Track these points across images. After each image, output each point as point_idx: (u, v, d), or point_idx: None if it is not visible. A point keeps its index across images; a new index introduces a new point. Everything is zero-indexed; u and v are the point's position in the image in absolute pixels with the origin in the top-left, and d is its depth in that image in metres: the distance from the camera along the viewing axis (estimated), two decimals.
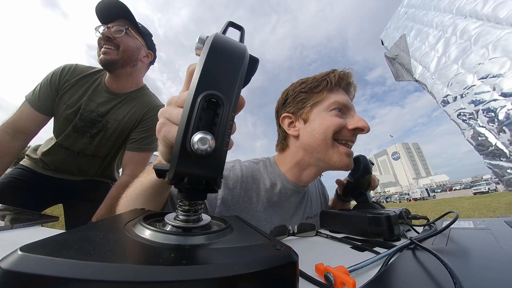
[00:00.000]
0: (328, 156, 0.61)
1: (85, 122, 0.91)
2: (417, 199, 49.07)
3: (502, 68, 0.55)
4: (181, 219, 0.25)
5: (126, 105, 0.96)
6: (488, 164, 0.58)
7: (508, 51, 0.54)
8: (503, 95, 0.53)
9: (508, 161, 0.53)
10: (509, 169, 0.52)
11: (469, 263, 0.29)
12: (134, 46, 0.92)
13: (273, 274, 0.18)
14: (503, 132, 0.52)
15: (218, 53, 0.22)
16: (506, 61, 0.53)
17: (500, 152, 0.54)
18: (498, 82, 0.55)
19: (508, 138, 0.52)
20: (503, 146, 0.53)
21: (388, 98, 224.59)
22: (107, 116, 0.93)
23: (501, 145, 0.54)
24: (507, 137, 0.52)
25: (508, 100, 0.52)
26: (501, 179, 0.55)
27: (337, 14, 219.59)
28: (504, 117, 0.52)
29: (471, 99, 0.59)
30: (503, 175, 0.54)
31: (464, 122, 0.63)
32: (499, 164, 0.54)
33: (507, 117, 0.51)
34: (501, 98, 0.54)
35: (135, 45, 0.93)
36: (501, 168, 0.54)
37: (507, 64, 0.53)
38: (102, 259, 0.15)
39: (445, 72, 0.70)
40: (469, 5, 0.63)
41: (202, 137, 0.19)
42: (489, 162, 0.57)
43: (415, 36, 0.91)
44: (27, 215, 0.59)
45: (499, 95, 0.55)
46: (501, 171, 0.54)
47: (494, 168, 0.56)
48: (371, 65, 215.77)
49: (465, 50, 0.62)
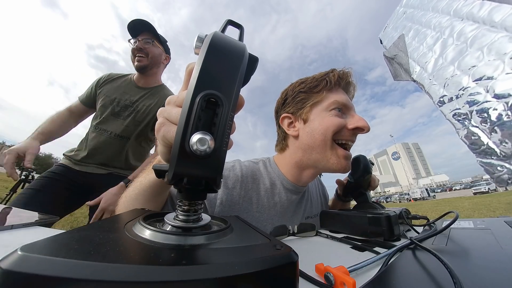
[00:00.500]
0: (326, 158, 0.61)
1: (120, 107, 1.20)
2: (417, 199, 49.09)
3: (496, 70, 0.57)
4: (181, 219, 0.24)
5: (151, 96, 1.24)
6: (480, 162, 0.60)
7: (502, 54, 0.55)
8: (495, 96, 0.55)
9: (498, 159, 0.55)
10: (499, 167, 0.54)
11: (469, 263, 0.29)
12: (158, 53, 1.22)
13: (273, 274, 0.18)
14: (495, 132, 0.54)
15: (217, 52, 0.22)
16: (499, 64, 0.54)
17: (492, 151, 0.56)
18: (492, 84, 0.56)
19: (499, 137, 0.54)
20: (494, 145, 0.55)
21: (388, 98, 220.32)
22: (137, 103, 1.21)
23: (493, 144, 0.56)
24: (498, 137, 0.54)
25: (500, 102, 0.53)
26: (492, 176, 0.58)
27: (337, 14, 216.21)
28: (496, 118, 0.54)
29: (466, 100, 0.61)
30: (494, 172, 0.56)
31: (459, 122, 0.64)
32: (490, 162, 0.57)
33: (499, 118, 0.53)
34: (494, 100, 0.55)
35: (158, 52, 1.23)
36: (492, 166, 0.56)
37: (500, 67, 0.55)
38: (102, 259, 0.15)
39: (442, 73, 0.71)
40: (466, 7, 0.63)
41: (201, 137, 0.18)
42: (481, 160, 0.59)
43: (414, 36, 0.92)
44: (27, 215, 0.59)
45: (492, 96, 0.56)
46: (492, 168, 0.57)
47: (486, 166, 0.58)
48: (371, 65, 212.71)
49: (461, 52, 0.63)
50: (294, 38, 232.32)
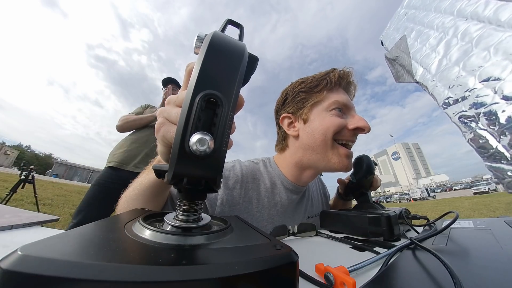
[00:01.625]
0: (328, 158, 0.60)
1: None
2: (417, 199, 49.08)
3: (504, 71, 0.55)
4: (180, 219, 0.24)
5: None
6: (489, 166, 0.57)
7: (509, 54, 0.53)
8: (504, 98, 0.53)
9: (508, 164, 0.52)
10: (509, 172, 0.52)
11: (469, 263, 0.29)
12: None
13: (273, 274, 0.18)
14: (504, 135, 0.52)
15: (217, 52, 0.21)
16: (507, 64, 0.53)
17: (501, 155, 0.53)
18: (500, 85, 0.54)
19: (509, 141, 0.51)
20: (504, 149, 0.53)
21: (388, 98, 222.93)
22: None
23: (502, 148, 0.53)
24: (508, 141, 0.52)
25: (510, 104, 0.51)
26: (502, 181, 0.55)
27: (338, 14, 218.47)
28: (505, 120, 0.52)
29: (472, 101, 0.59)
30: (504, 178, 0.54)
31: (465, 124, 0.62)
32: (500, 167, 0.54)
33: (508, 121, 0.51)
34: (503, 102, 0.53)
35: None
36: (502, 171, 0.54)
37: (508, 67, 0.53)
38: (102, 259, 0.15)
39: (446, 74, 0.70)
40: (470, 6, 0.62)
41: (200, 138, 0.18)
42: (490, 164, 0.57)
43: (416, 37, 0.91)
44: (27, 215, 0.59)
45: (500, 98, 0.54)
46: (501, 173, 0.54)
47: (495, 171, 0.55)
48: (371, 65, 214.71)
49: (466, 53, 0.61)
50: (294, 38, 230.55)
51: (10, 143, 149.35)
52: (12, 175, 12.06)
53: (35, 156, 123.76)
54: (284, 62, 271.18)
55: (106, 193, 1.43)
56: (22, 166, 3.68)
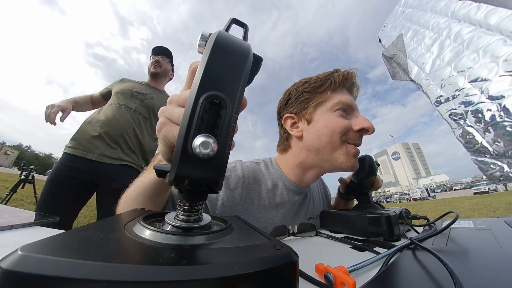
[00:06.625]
0: (335, 157, 0.60)
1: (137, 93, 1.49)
2: (417, 199, 49.09)
3: (490, 73, 0.59)
4: (181, 219, 0.24)
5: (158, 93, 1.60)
6: (474, 160, 0.64)
7: (496, 56, 0.57)
8: (490, 98, 0.58)
9: (491, 158, 0.58)
10: (492, 165, 0.57)
11: (469, 263, 0.29)
12: (168, 68, 1.67)
13: (273, 274, 0.18)
14: (488, 132, 0.58)
15: (222, 52, 0.21)
16: (494, 66, 0.57)
17: (485, 149, 0.59)
18: (486, 85, 0.59)
19: (492, 137, 0.57)
20: (488, 144, 0.59)
21: (389, 97, 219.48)
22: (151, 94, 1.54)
23: (486, 143, 0.60)
24: (491, 136, 0.57)
25: (494, 103, 0.56)
26: (485, 173, 0.62)
27: (339, 11, 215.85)
28: (490, 118, 0.57)
29: (461, 100, 0.64)
30: (487, 170, 0.60)
31: (454, 121, 0.68)
32: (484, 160, 0.61)
33: (492, 119, 0.56)
34: (488, 101, 0.59)
35: (168, 67, 1.67)
36: (485, 163, 0.60)
37: (494, 69, 0.58)
38: (102, 259, 0.15)
39: (439, 73, 0.74)
40: (464, 9, 0.65)
41: (204, 141, 0.18)
42: (475, 158, 0.63)
43: (412, 36, 0.93)
44: (27, 215, 0.59)
45: (486, 98, 0.59)
46: (485, 166, 0.61)
47: (480, 164, 0.62)
48: (373, 63, 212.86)
49: (458, 54, 0.65)
50: (295, 35, 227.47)
51: (10, 143, 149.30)
52: (12, 175, 12.06)
53: (35, 156, 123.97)
54: (284, 60, 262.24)
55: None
56: (22, 166, 3.68)
